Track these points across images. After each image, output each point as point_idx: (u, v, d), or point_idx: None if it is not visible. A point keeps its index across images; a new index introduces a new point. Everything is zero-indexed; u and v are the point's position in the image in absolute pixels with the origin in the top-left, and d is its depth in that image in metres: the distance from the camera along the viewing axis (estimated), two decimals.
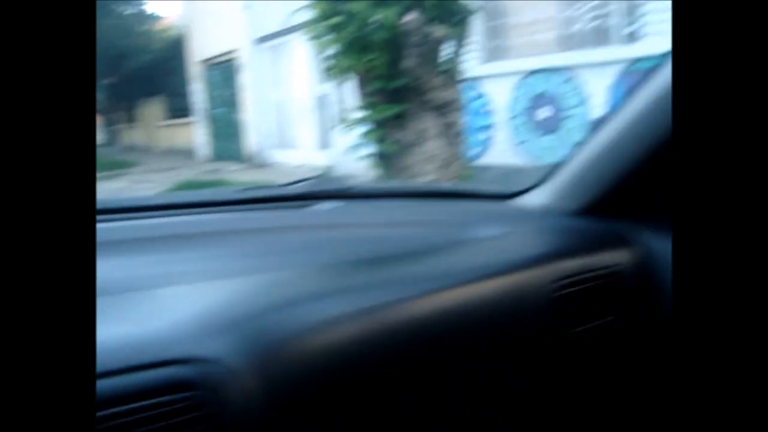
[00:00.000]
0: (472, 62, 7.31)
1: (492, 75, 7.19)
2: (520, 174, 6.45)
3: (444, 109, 4.59)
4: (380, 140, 4.78)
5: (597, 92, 6.10)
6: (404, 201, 1.18)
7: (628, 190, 1.00)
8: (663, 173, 0.96)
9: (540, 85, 6.73)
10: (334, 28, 4.67)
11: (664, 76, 0.88)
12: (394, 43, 4.63)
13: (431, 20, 4.56)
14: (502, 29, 7.39)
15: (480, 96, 7.35)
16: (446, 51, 4.73)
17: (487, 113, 7.31)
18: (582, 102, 6.31)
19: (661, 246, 0.97)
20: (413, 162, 4.56)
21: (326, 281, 0.79)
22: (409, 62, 4.52)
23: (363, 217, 1.03)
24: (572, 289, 0.89)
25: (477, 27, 7.38)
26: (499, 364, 0.83)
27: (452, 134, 4.64)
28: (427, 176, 4.47)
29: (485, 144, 7.34)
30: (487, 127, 7.32)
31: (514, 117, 7.02)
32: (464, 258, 0.89)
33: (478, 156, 7.25)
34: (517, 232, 0.99)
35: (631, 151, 0.95)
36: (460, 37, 4.75)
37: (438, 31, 4.48)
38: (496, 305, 0.83)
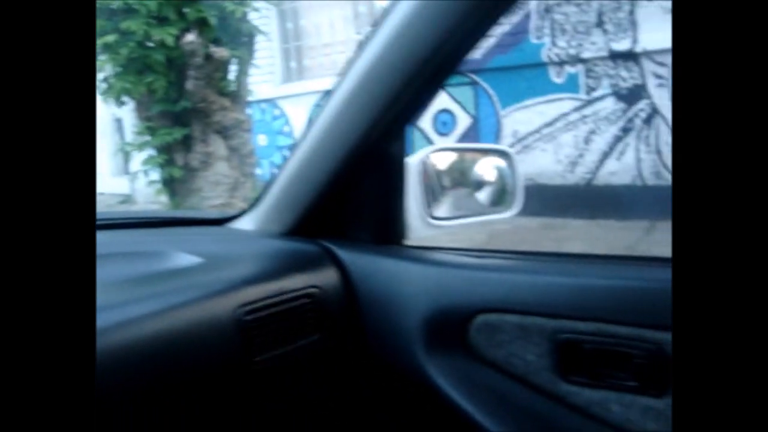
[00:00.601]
0: (269, 84, 7.33)
1: (291, 95, 7.24)
2: None
3: (231, 131, 4.53)
4: (165, 165, 4.60)
5: None
6: (124, 230, 1.12)
7: (326, 210, 1.01)
8: (355, 192, 0.99)
9: None
10: (109, 48, 4.42)
11: (346, 89, 0.90)
12: (175, 65, 4.49)
13: (213, 41, 4.50)
14: (300, 51, 7.49)
15: (280, 116, 7.37)
16: (231, 72, 4.68)
17: (288, 133, 7.35)
18: None
19: (361, 262, 0.97)
20: (201, 186, 4.44)
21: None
22: (191, 84, 4.41)
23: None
24: (265, 313, 0.85)
25: (274, 49, 7.43)
26: (187, 400, 0.79)
27: (241, 156, 4.59)
28: (215, 200, 4.38)
29: None
30: (287, 147, 7.35)
31: None
32: (153, 289, 0.85)
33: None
34: (215, 259, 0.95)
35: (321, 172, 0.96)
36: (245, 59, 4.73)
37: (220, 52, 4.41)
38: (181, 337, 0.79)
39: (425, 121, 6.12)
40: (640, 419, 0.73)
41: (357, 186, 0.98)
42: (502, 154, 1.12)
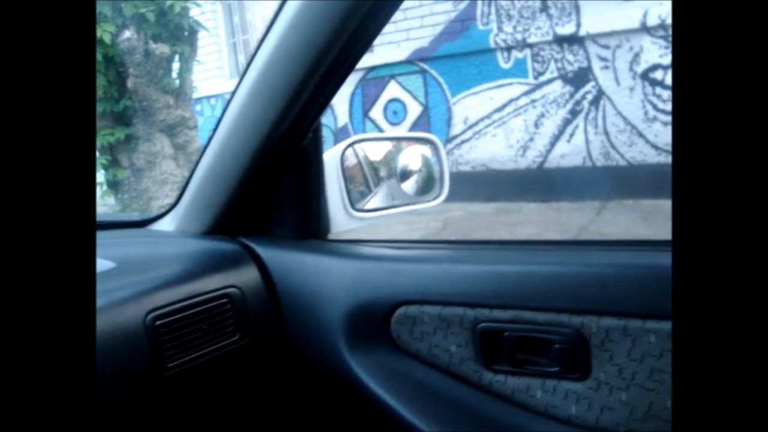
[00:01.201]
0: (218, 79, 7.22)
1: None
2: None
3: (176, 128, 4.44)
4: (109, 166, 4.48)
5: (339, 100, 6.33)
6: None
7: (244, 207, 0.99)
8: (272, 187, 0.97)
9: None
10: None
11: (249, 81, 0.87)
12: (114, 63, 4.37)
13: (153, 37, 4.38)
14: (248, 44, 7.40)
15: None
16: (174, 69, 4.58)
17: None
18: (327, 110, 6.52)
19: (281, 259, 0.96)
20: (147, 186, 4.35)
21: None
22: (132, 82, 4.30)
23: None
24: (179, 316, 0.83)
25: (221, 44, 7.31)
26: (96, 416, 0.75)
27: (188, 153, 4.50)
28: (164, 199, 4.28)
29: None
30: None
31: None
32: None
33: None
34: (129, 263, 0.91)
35: (233, 169, 0.94)
36: (187, 55, 4.63)
37: (160, 48, 4.31)
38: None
39: (376, 110, 6.11)
40: (563, 404, 0.73)
41: (273, 181, 0.97)
42: (427, 141, 1.10)
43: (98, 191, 4.82)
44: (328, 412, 0.94)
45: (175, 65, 4.61)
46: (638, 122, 4.91)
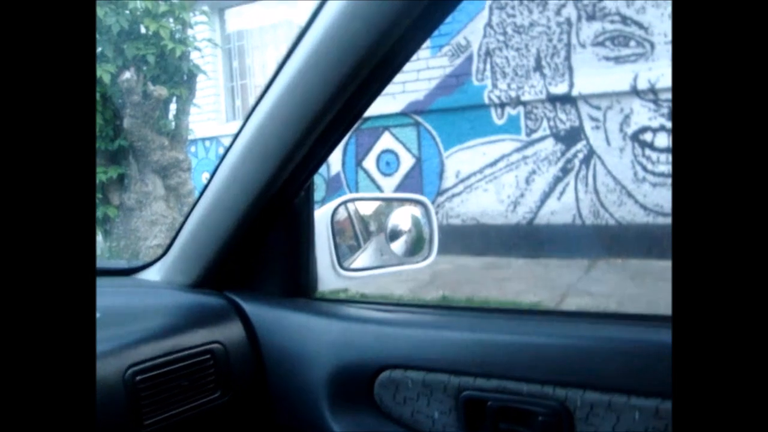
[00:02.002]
0: (214, 122, 7.28)
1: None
2: None
3: (169, 170, 4.45)
4: (99, 204, 4.47)
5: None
6: None
7: (232, 261, 0.98)
8: (261, 243, 0.96)
9: None
10: None
11: (245, 138, 0.88)
12: (112, 102, 4.40)
13: (152, 79, 4.44)
14: (245, 89, 7.49)
15: None
16: (171, 111, 4.62)
17: None
18: None
19: (267, 316, 0.95)
20: (137, 226, 4.33)
21: None
22: (128, 122, 4.32)
23: None
24: (160, 371, 0.82)
25: (218, 88, 7.40)
26: None
27: (179, 195, 4.50)
28: (152, 240, 4.26)
29: None
30: None
31: None
32: None
33: None
34: (112, 315, 0.90)
35: (224, 223, 0.94)
36: (185, 97, 4.67)
37: (159, 90, 4.35)
38: None
39: (369, 161, 6.16)
40: None
41: (263, 237, 0.96)
42: (417, 203, 1.11)
43: None
44: None
45: (172, 107, 4.65)
46: (628, 182, 4.97)
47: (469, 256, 5.16)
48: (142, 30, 4.46)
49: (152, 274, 1.06)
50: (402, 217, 1.09)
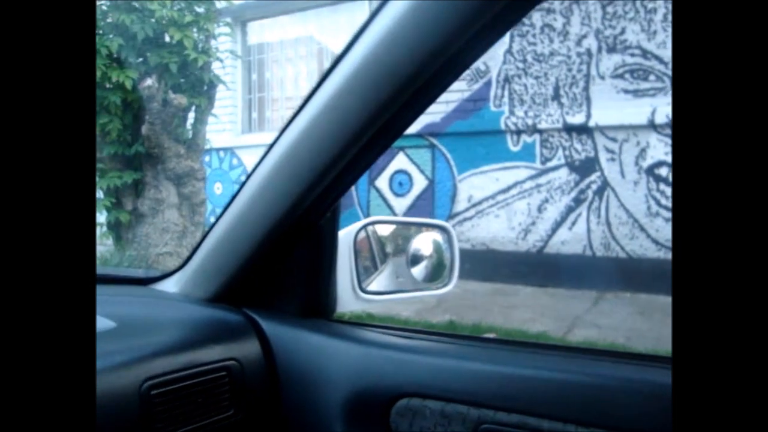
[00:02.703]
0: (229, 133, 7.33)
1: (250, 146, 7.25)
2: None
3: (184, 179, 4.47)
4: (112, 208, 4.49)
5: None
6: None
7: (252, 278, 0.98)
8: (283, 262, 0.96)
9: None
10: None
11: (276, 155, 0.88)
12: (132, 108, 4.44)
13: (172, 87, 4.47)
14: (263, 102, 7.54)
15: (238, 166, 7.34)
16: (189, 120, 4.65)
17: None
18: None
19: (285, 335, 0.94)
20: (148, 232, 4.34)
21: None
22: (147, 129, 4.35)
23: None
24: (175, 386, 0.81)
25: (236, 99, 7.46)
26: None
27: (192, 204, 4.52)
28: (163, 247, 4.27)
29: None
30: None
31: None
32: None
33: None
34: (129, 325, 0.90)
35: (247, 240, 0.93)
36: (204, 107, 4.71)
37: (179, 98, 4.39)
38: None
39: (382, 180, 6.17)
40: None
41: (286, 256, 0.96)
42: (440, 229, 1.11)
43: (98, 231, 4.81)
44: None
45: (191, 116, 4.68)
46: (641, 216, 4.95)
47: (477, 281, 5.14)
48: (167, 39, 4.51)
49: (170, 286, 1.05)
50: (424, 243, 1.09)
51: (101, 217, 4.62)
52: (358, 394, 0.83)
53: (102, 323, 0.86)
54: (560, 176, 5.32)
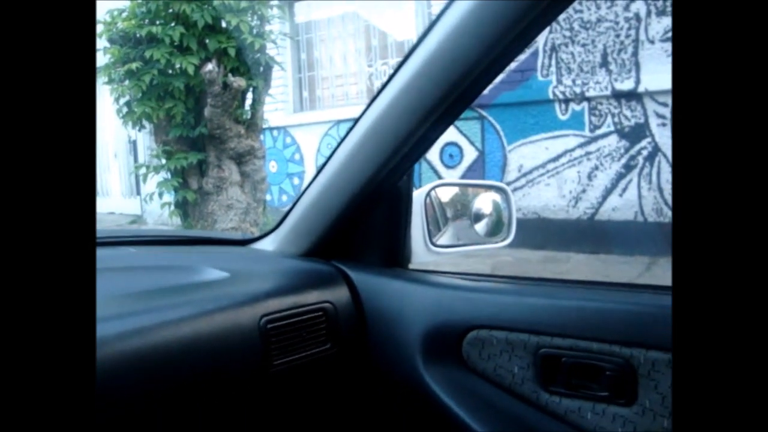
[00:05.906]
0: (281, 112, 7.49)
1: (302, 124, 7.40)
2: None
3: (245, 157, 4.68)
4: (179, 188, 4.74)
5: None
6: (158, 247, 1.25)
7: (339, 235, 1.11)
8: (366, 220, 1.09)
9: None
10: (132, 74, 4.60)
11: (362, 128, 1.00)
12: (194, 92, 4.66)
13: (231, 71, 4.67)
14: (313, 81, 7.65)
15: (291, 144, 7.52)
16: (247, 101, 4.84)
17: (298, 161, 7.50)
18: None
19: (369, 283, 1.07)
20: (213, 209, 4.58)
21: (123, 306, 0.87)
22: (209, 111, 4.57)
23: (129, 260, 1.10)
24: (283, 323, 0.95)
25: (287, 79, 7.59)
26: (210, 396, 0.87)
27: (254, 182, 4.73)
28: (227, 223, 4.50)
29: (296, 190, 7.50)
30: (297, 174, 7.50)
31: None
32: (188, 297, 0.93)
33: (287, 202, 7.37)
34: (240, 275, 1.04)
35: (336, 202, 1.06)
36: (260, 88, 4.89)
37: (238, 81, 4.58)
38: (212, 340, 0.88)
39: (432, 153, 6.23)
40: (611, 426, 0.81)
41: (368, 215, 1.09)
42: (499, 189, 1.25)
43: (166, 211, 5.08)
44: (402, 418, 1.05)
45: (249, 97, 4.87)
46: None
47: (529, 249, 5.16)
48: (224, 24, 4.71)
49: (266, 245, 1.19)
50: (485, 202, 1.22)
51: (169, 197, 4.88)
52: (434, 329, 0.95)
53: (217, 273, 1.01)
54: (610, 143, 5.29)
